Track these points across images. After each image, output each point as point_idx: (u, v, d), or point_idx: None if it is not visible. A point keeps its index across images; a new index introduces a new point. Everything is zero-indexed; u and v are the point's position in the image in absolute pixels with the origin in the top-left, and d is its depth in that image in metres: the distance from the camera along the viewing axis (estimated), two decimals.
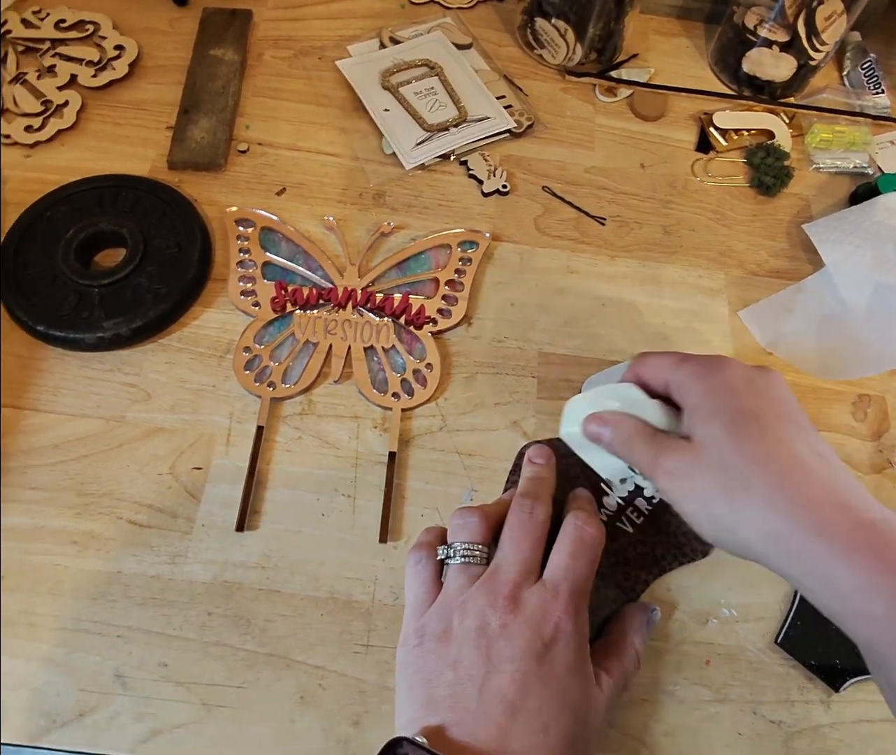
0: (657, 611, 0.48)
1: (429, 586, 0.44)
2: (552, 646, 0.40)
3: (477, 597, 0.42)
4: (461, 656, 0.40)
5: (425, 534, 0.47)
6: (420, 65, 0.74)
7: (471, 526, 0.44)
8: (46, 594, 0.47)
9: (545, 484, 0.48)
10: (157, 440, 0.53)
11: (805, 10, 0.72)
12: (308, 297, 0.58)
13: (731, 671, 0.49)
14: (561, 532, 0.44)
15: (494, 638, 0.40)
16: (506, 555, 0.43)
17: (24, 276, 0.56)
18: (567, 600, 0.41)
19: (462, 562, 0.43)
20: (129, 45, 0.71)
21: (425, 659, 0.41)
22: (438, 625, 0.42)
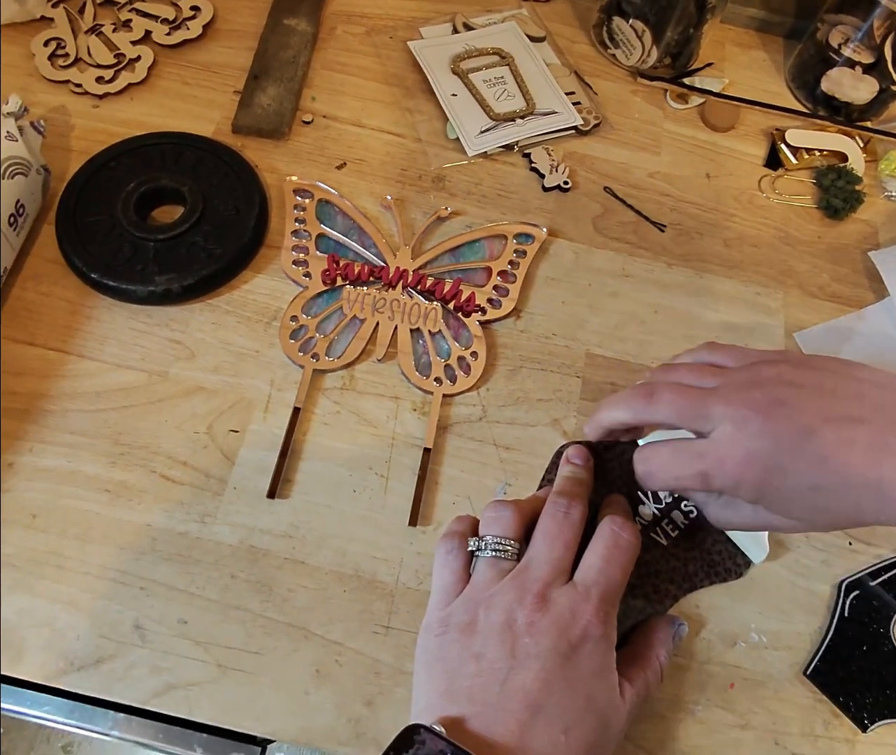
0: (685, 625, 0.47)
1: (458, 576, 0.43)
2: (579, 649, 0.39)
3: (505, 593, 0.41)
4: (485, 649, 0.39)
5: (457, 523, 0.46)
6: (492, 53, 0.73)
7: (504, 519, 0.43)
8: (75, 538, 0.48)
9: (582, 484, 0.47)
10: (196, 399, 0.53)
11: (894, 33, 0.69)
12: (359, 274, 0.58)
13: (756, 697, 0.47)
14: (596, 534, 0.43)
15: (520, 634, 0.39)
16: (538, 553, 0.42)
17: (83, 223, 0.56)
18: (598, 604, 0.40)
19: (493, 556, 0.42)
20: (205, 6, 0.71)
21: (448, 648, 0.40)
22: (464, 615, 0.41)
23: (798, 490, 0.38)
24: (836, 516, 0.39)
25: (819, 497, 0.38)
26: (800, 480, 0.37)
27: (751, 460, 0.38)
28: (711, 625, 0.49)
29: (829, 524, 0.40)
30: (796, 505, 0.39)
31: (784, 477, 0.38)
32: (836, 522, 0.40)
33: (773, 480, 0.38)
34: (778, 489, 0.38)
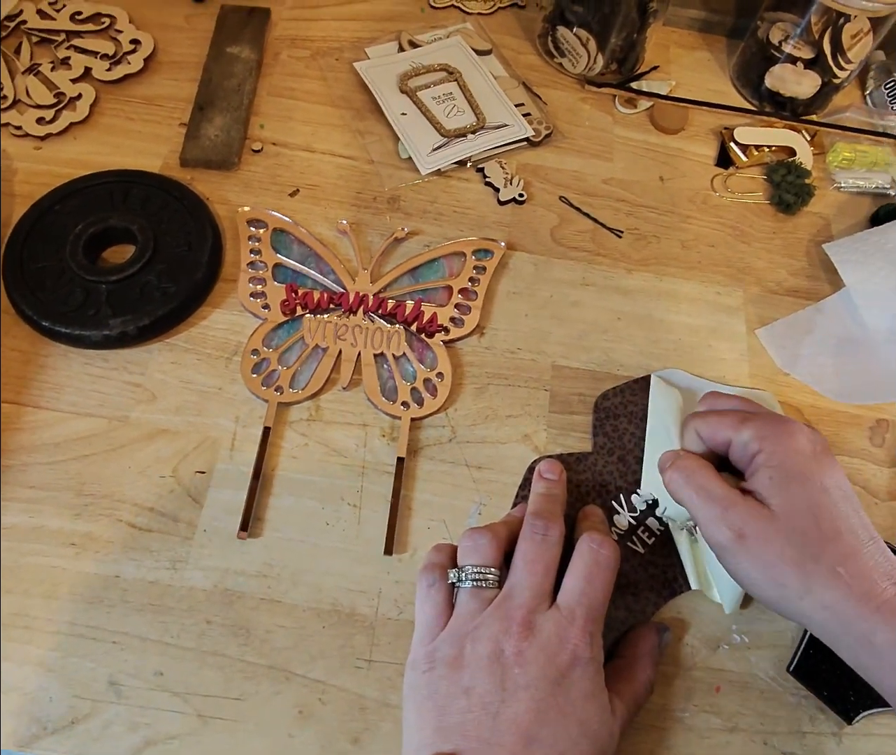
0: (669, 632, 0.47)
1: (440, 609, 0.42)
2: (568, 674, 0.39)
3: (490, 623, 0.40)
4: (474, 683, 0.39)
5: (435, 553, 0.45)
6: (439, 69, 0.73)
7: (481, 548, 0.43)
8: (42, 596, 0.46)
9: (557, 501, 0.47)
10: (160, 442, 0.52)
11: (831, 28, 0.71)
12: (319, 301, 0.57)
13: (742, 699, 0.47)
14: (575, 554, 0.43)
15: (509, 665, 0.39)
16: (519, 580, 0.42)
17: (31, 269, 0.55)
18: (583, 625, 0.40)
19: (474, 586, 0.42)
20: (145, 39, 0.70)
21: (436, 684, 0.40)
22: (450, 650, 0.40)
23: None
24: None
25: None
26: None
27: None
28: (694, 629, 0.49)
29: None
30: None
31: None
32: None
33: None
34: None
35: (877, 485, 0.56)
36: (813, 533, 0.40)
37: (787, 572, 0.40)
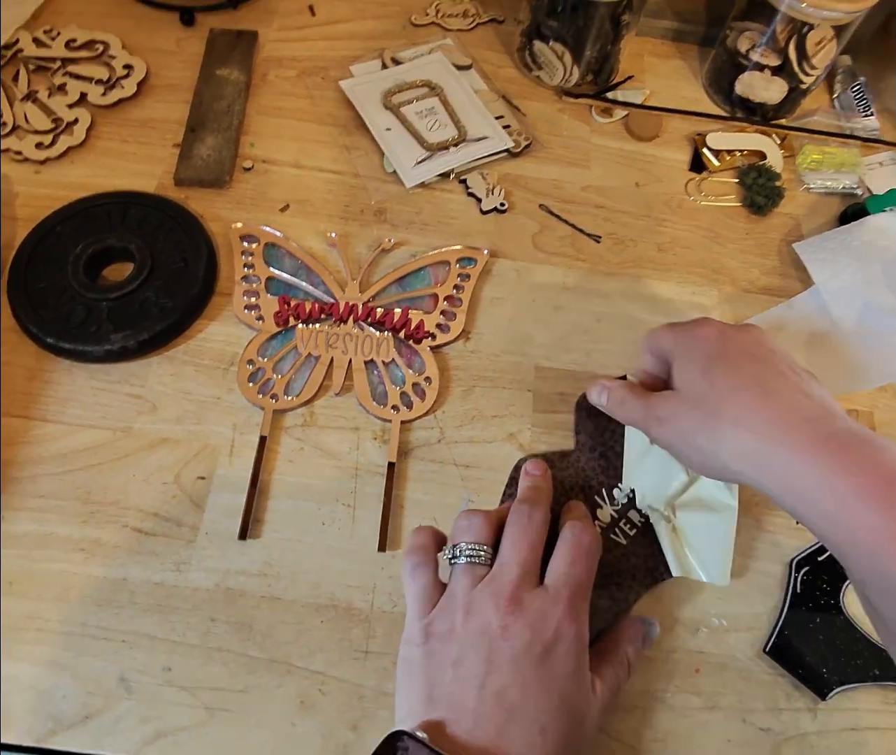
0: (656, 626, 0.49)
1: (430, 587, 0.45)
2: (552, 650, 0.41)
3: (481, 599, 0.43)
4: (462, 655, 0.41)
5: (418, 535, 0.48)
6: (421, 85, 0.76)
7: (475, 527, 0.46)
8: (53, 600, 0.48)
9: (542, 492, 0.50)
10: (162, 450, 0.54)
11: (796, 36, 0.73)
12: (310, 312, 0.60)
13: (721, 679, 0.50)
14: (559, 539, 0.46)
15: (496, 639, 0.41)
16: (506, 558, 0.44)
17: (35, 289, 0.57)
18: (567, 604, 0.42)
19: (468, 562, 0.45)
20: (138, 64, 0.72)
21: (429, 657, 0.42)
22: (443, 624, 0.43)
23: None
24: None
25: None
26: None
27: None
28: (674, 614, 0.52)
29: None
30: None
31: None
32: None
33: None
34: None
35: None
36: (708, 394, 0.43)
37: (697, 435, 0.44)
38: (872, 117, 0.81)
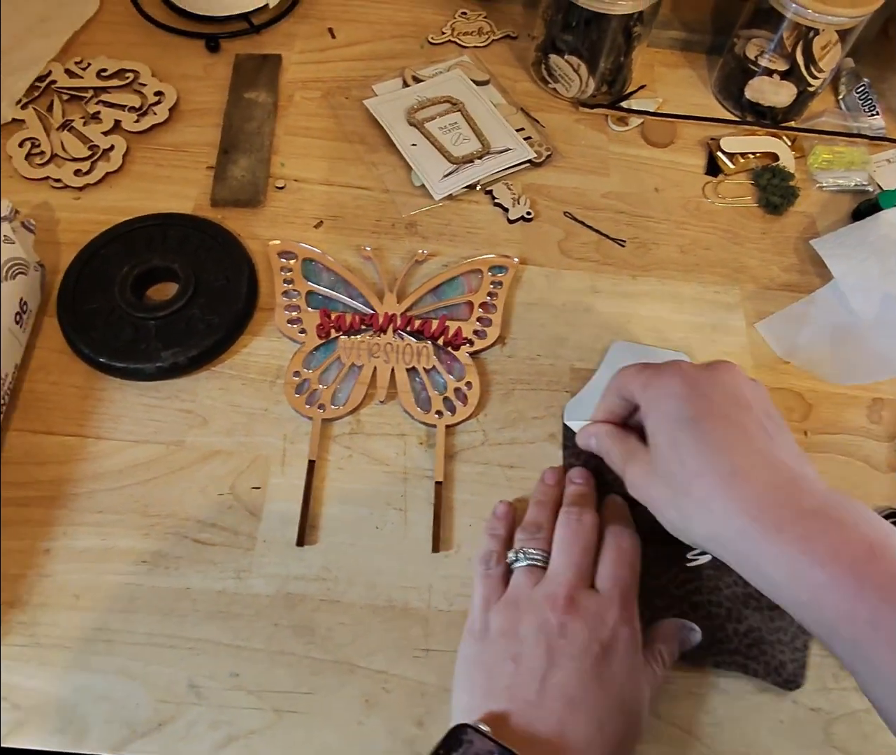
0: (697, 632, 0.49)
1: (495, 586, 0.47)
2: (610, 650, 0.43)
3: (538, 599, 0.45)
4: (522, 650, 0.43)
5: (491, 541, 0.51)
6: (443, 101, 0.78)
7: (537, 537, 0.49)
8: (120, 611, 0.50)
9: (588, 498, 0.52)
10: (215, 462, 0.56)
11: (802, 41, 0.76)
12: (351, 323, 0.62)
13: None
14: (603, 545, 0.48)
15: (554, 636, 0.43)
16: (560, 561, 0.47)
17: (84, 311, 0.59)
18: (620, 606, 0.45)
19: (528, 564, 0.47)
20: (168, 91, 0.74)
21: (488, 651, 0.44)
22: (503, 620, 0.45)
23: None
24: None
25: None
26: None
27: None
28: None
29: None
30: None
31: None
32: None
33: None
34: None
35: (877, 460, 0.60)
36: (678, 473, 0.42)
37: (668, 510, 0.43)
38: (878, 117, 0.83)
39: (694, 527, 0.42)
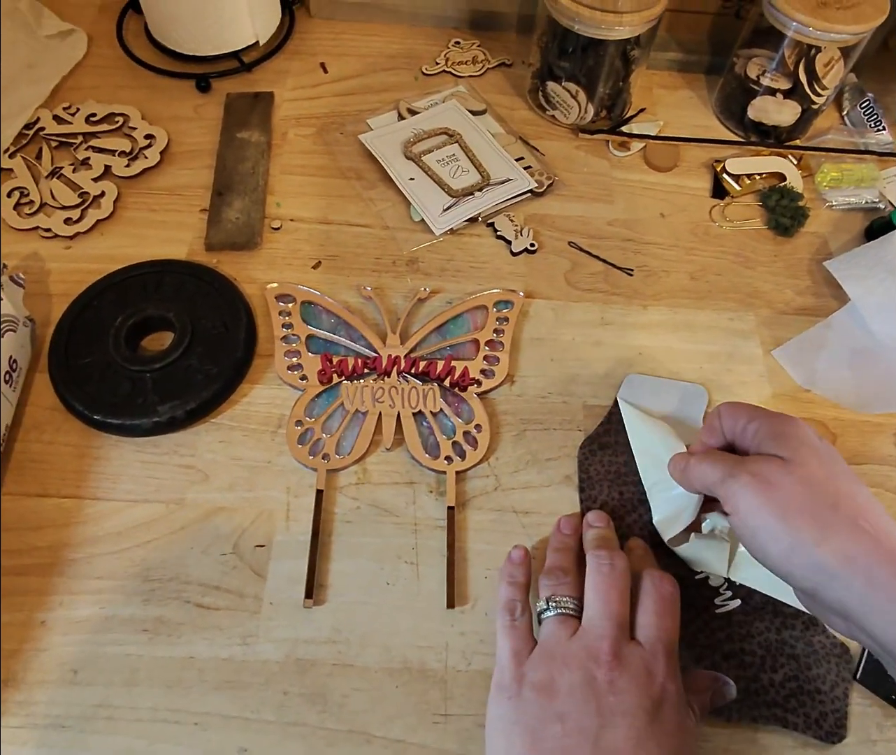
0: (732, 687, 0.46)
1: (525, 638, 0.45)
2: (661, 707, 0.40)
3: (577, 651, 0.42)
4: (568, 708, 0.40)
5: (511, 589, 0.48)
6: (439, 133, 0.76)
7: (564, 583, 0.46)
8: (121, 685, 0.47)
9: (612, 541, 0.49)
10: (218, 520, 0.53)
11: (804, 59, 0.74)
12: (354, 368, 0.59)
13: None
14: (641, 592, 0.45)
15: (603, 693, 0.40)
16: (597, 612, 0.43)
17: (77, 365, 0.56)
18: (667, 660, 0.42)
19: (560, 614, 0.44)
20: (159, 133, 0.72)
21: (526, 709, 0.41)
22: (540, 674, 0.42)
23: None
24: None
25: None
26: None
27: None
28: None
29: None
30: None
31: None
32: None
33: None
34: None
35: None
36: (827, 484, 0.39)
37: (804, 517, 0.39)
38: (885, 131, 0.82)
39: (830, 543, 0.38)
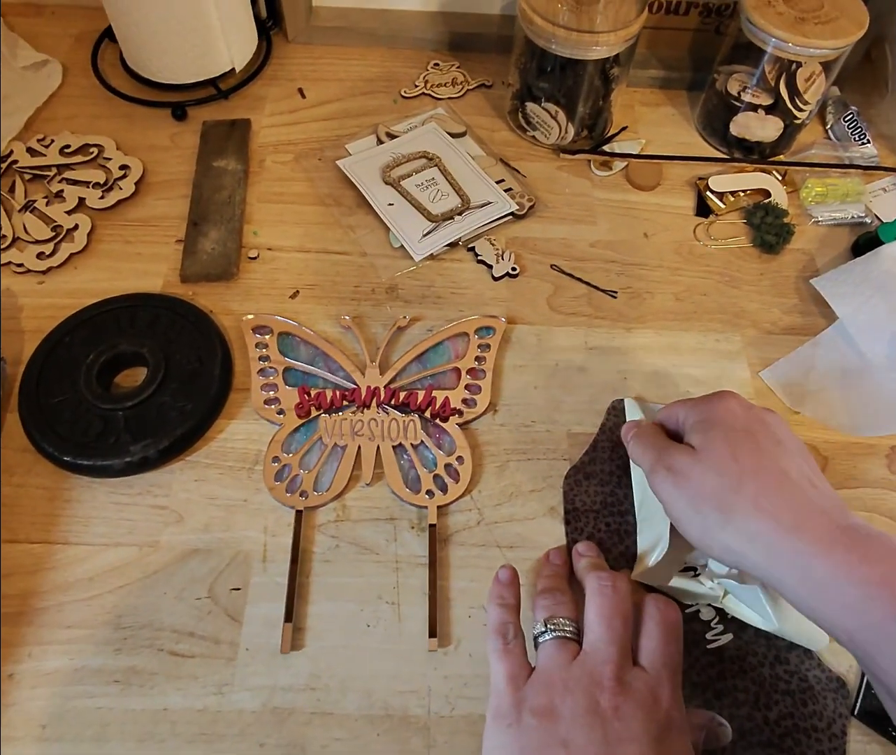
0: (728, 730, 0.45)
1: (520, 662, 0.43)
2: (668, 732, 0.39)
3: (579, 676, 0.40)
4: (572, 735, 0.38)
5: (502, 612, 0.46)
6: (418, 157, 0.75)
7: (562, 604, 0.45)
8: (91, 740, 0.45)
9: (606, 569, 0.48)
10: (192, 562, 0.52)
11: (785, 74, 0.73)
12: (332, 400, 0.58)
13: None
14: (644, 616, 0.43)
15: (608, 719, 0.39)
16: (600, 636, 0.42)
17: (48, 405, 0.55)
18: (671, 686, 0.40)
19: (559, 637, 0.43)
20: (134, 163, 0.71)
21: (527, 736, 0.39)
22: (540, 699, 0.40)
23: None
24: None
25: None
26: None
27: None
28: None
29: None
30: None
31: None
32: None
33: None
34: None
35: None
36: (731, 467, 0.43)
37: (707, 501, 0.43)
38: (869, 145, 0.81)
39: (734, 524, 0.41)
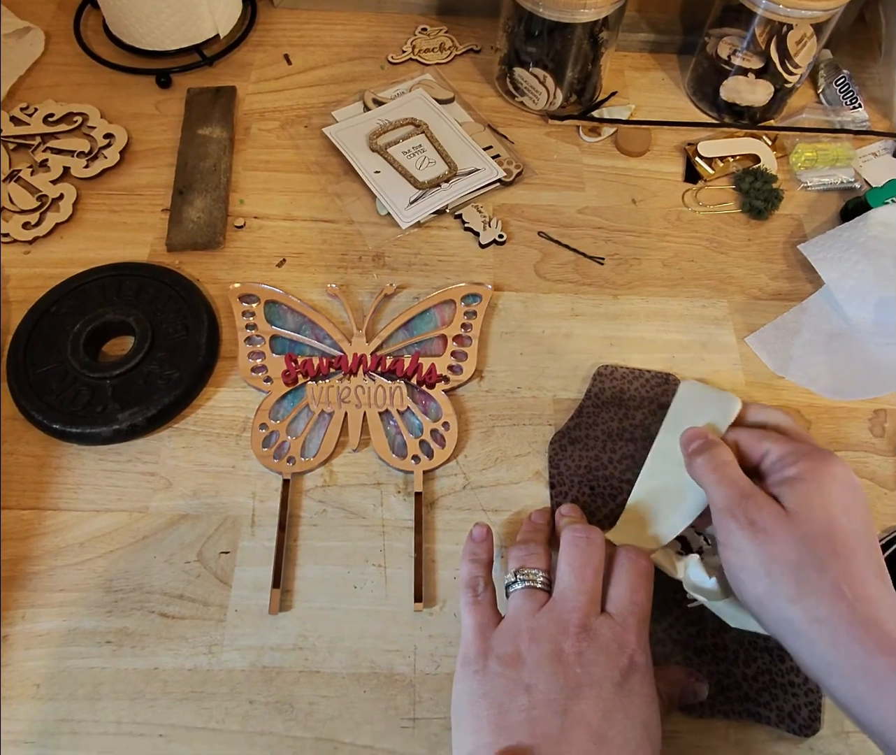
0: (705, 686, 0.46)
1: (490, 613, 0.44)
2: (629, 678, 0.40)
3: (546, 624, 0.41)
4: (535, 680, 0.39)
5: (473, 566, 0.47)
6: (405, 124, 0.75)
7: (534, 555, 0.45)
8: (85, 699, 0.46)
9: (584, 521, 0.49)
10: (182, 527, 0.52)
11: (776, 37, 0.73)
12: (319, 368, 0.58)
13: None
14: (615, 565, 0.44)
15: (570, 664, 0.40)
16: (570, 584, 0.43)
17: (36, 374, 0.55)
18: (637, 632, 0.41)
19: (528, 587, 0.44)
20: (118, 132, 0.71)
21: (492, 681, 0.40)
22: (506, 647, 0.41)
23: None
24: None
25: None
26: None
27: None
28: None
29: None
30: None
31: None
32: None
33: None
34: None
35: (883, 476, 0.57)
36: (823, 545, 0.39)
37: (785, 571, 0.39)
38: (861, 109, 0.81)
39: (807, 600, 0.39)
